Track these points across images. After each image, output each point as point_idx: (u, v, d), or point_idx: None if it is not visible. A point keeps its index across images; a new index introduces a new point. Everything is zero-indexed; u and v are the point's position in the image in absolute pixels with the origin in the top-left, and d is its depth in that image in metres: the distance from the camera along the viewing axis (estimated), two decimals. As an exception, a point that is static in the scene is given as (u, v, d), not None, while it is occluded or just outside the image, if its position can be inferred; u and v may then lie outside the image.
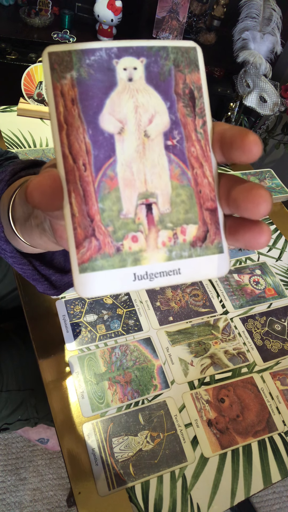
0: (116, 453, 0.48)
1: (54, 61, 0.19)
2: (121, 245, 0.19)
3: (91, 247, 0.18)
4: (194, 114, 0.20)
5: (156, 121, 0.19)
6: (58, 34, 1.42)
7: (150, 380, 0.55)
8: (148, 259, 0.19)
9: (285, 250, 0.79)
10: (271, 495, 1.08)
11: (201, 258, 0.20)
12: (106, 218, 0.19)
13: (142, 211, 0.19)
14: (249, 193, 0.18)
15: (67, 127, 0.18)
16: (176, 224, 0.19)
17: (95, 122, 0.19)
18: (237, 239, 0.20)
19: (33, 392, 0.72)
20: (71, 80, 0.19)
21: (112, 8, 1.35)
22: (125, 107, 0.19)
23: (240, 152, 0.18)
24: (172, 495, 0.47)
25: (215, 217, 0.20)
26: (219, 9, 1.48)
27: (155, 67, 0.20)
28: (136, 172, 0.19)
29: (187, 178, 0.20)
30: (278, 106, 1.01)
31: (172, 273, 0.19)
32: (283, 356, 0.62)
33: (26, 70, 0.88)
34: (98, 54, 0.19)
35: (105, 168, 0.19)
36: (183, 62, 0.20)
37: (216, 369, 0.58)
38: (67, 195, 0.18)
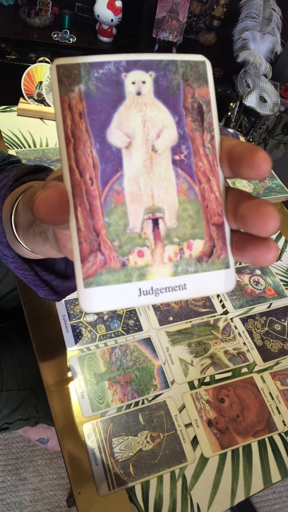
0: (116, 453, 0.48)
1: (62, 74, 0.18)
2: (127, 260, 0.19)
3: (96, 261, 0.18)
4: (202, 129, 0.20)
5: (164, 136, 0.19)
6: (58, 34, 1.42)
7: (150, 380, 0.55)
8: (154, 274, 0.19)
9: (285, 250, 0.79)
10: (271, 495, 1.08)
11: (207, 274, 0.20)
12: (112, 233, 0.19)
13: (149, 226, 0.19)
14: (257, 210, 0.18)
15: (75, 140, 0.18)
16: (182, 239, 0.19)
17: (102, 136, 0.19)
18: (243, 255, 0.20)
19: (33, 392, 0.72)
20: (79, 94, 0.18)
21: (112, 8, 1.35)
22: (133, 121, 0.19)
23: (249, 169, 0.18)
24: (172, 495, 0.47)
25: (222, 232, 0.20)
26: (219, 9, 1.48)
27: (164, 81, 0.19)
28: (143, 187, 0.19)
29: (194, 193, 0.20)
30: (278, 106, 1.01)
31: (177, 288, 0.19)
32: (283, 356, 0.62)
33: (26, 70, 0.88)
34: (107, 67, 0.19)
35: (112, 183, 0.19)
36: (192, 76, 0.20)
37: (216, 369, 0.58)
38: (73, 209, 0.18)
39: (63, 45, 1.42)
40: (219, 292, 0.20)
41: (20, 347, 0.73)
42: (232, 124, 1.11)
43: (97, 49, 1.48)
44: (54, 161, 0.82)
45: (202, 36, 1.56)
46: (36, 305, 0.59)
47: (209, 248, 0.20)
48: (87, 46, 1.48)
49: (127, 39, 1.53)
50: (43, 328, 0.57)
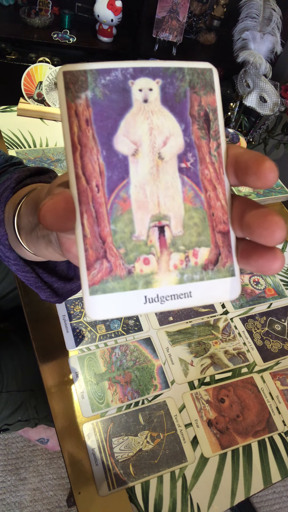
0: (116, 453, 0.48)
1: (69, 80, 0.18)
2: (133, 267, 0.19)
3: (102, 269, 0.18)
4: (209, 137, 0.20)
5: (170, 143, 0.19)
6: (58, 34, 1.42)
7: (150, 380, 0.55)
8: (160, 282, 0.19)
9: (285, 250, 0.79)
10: (271, 495, 1.08)
11: (213, 281, 0.20)
12: (118, 240, 0.19)
13: (155, 233, 0.19)
14: (264, 220, 0.18)
15: (81, 147, 0.18)
16: (188, 246, 0.19)
17: (109, 143, 0.19)
18: (249, 263, 0.20)
19: (33, 393, 0.72)
20: (86, 100, 0.18)
21: (112, 8, 1.35)
22: (139, 128, 0.19)
23: (255, 178, 0.18)
24: (172, 495, 0.47)
25: (228, 240, 0.20)
26: (219, 9, 1.48)
27: (170, 89, 0.19)
28: (150, 194, 0.19)
29: (200, 201, 0.20)
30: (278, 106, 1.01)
31: (183, 296, 0.19)
32: (283, 356, 0.62)
33: (26, 70, 0.88)
34: (114, 74, 0.19)
35: (118, 190, 0.19)
36: (199, 83, 0.20)
37: (216, 369, 0.58)
38: (79, 216, 0.18)
39: (63, 45, 1.42)
40: (224, 300, 0.20)
41: (20, 347, 0.73)
42: (232, 124, 1.11)
43: (97, 49, 1.48)
44: (54, 161, 0.82)
45: (202, 36, 1.56)
46: (36, 305, 0.59)
47: (214, 256, 0.20)
48: (87, 46, 1.48)
49: (127, 39, 1.53)
50: (43, 328, 0.57)
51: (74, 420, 0.50)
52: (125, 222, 0.19)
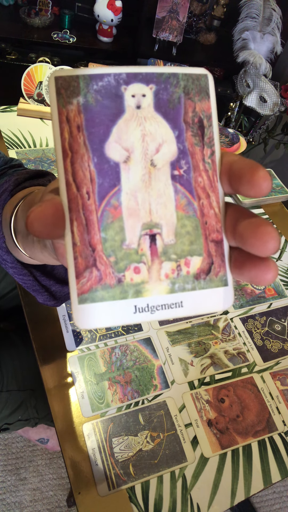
0: (116, 453, 0.48)
1: (61, 85, 0.18)
2: (123, 276, 0.18)
3: (91, 277, 0.18)
4: (203, 144, 0.19)
5: (163, 150, 0.19)
6: (58, 34, 1.42)
7: (150, 380, 0.55)
8: (150, 291, 0.19)
9: (285, 250, 0.79)
10: (271, 495, 1.08)
11: (205, 291, 0.19)
12: (108, 248, 0.18)
13: (146, 241, 0.19)
14: (256, 230, 0.17)
15: (72, 154, 0.18)
16: (180, 255, 0.19)
17: (100, 150, 0.18)
18: (242, 274, 0.19)
19: (33, 393, 0.72)
20: (78, 106, 0.18)
21: (112, 8, 1.35)
22: (132, 135, 0.19)
23: (249, 187, 0.18)
24: (172, 495, 0.47)
25: (221, 249, 0.20)
26: (219, 9, 1.48)
27: (164, 95, 0.19)
28: (141, 202, 0.19)
29: (193, 209, 0.19)
30: (278, 106, 1.01)
31: (174, 306, 0.19)
32: (283, 356, 0.62)
33: (26, 70, 0.88)
34: (106, 79, 0.18)
35: (109, 197, 0.18)
36: (194, 89, 0.20)
37: (216, 369, 0.58)
38: (69, 223, 0.18)
39: (63, 45, 1.42)
40: (217, 310, 0.20)
41: (20, 347, 0.73)
42: (232, 124, 1.11)
43: (97, 49, 1.48)
44: (54, 161, 0.82)
45: (202, 36, 1.56)
46: (36, 306, 0.59)
47: (207, 265, 0.19)
48: (87, 46, 1.48)
49: (127, 39, 1.53)
50: (43, 328, 0.57)
51: (74, 420, 0.50)
52: (115, 230, 0.18)
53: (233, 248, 0.20)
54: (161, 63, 0.92)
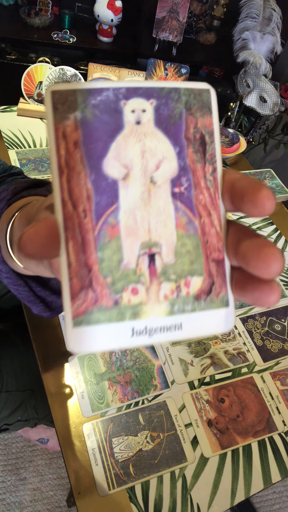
0: (116, 453, 0.48)
1: (58, 100, 0.17)
2: (120, 297, 0.18)
3: (87, 299, 0.17)
4: (204, 160, 0.19)
5: (163, 167, 0.18)
6: (58, 34, 1.42)
7: (150, 380, 0.55)
8: (148, 313, 0.18)
9: (285, 250, 0.79)
10: (271, 495, 1.08)
11: (205, 313, 0.19)
12: (105, 268, 0.18)
13: (144, 261, 0.18)
14: (260, 251, 0.17)
15: (68, 171, 0.17)
16: (180, 275, 0.18)
17: (98, 166, 0.18)
18: (244, 295, 0.19)
19: (33, 393, 0.72)
20: (75, 121, 0.17)
21: (112, 8, 1.35)
22: (131, 151, 0.18)
23: (251, 206, 0.17)
24: (172, 495, 0.47)
25: (222, 268, 0.19)
26: (219, 9, 1.48)
27: (165, 110, 0.19)
28: (140, 220, 0.18)
29: (193, 227, 0.19)
30: (278, 106, 1.01)
31: (173, 328, 0.18)
32: (283, 356, 0.62)
33: (26, 70, 0.88)
34: (105, 94, 0.18)
35: (106, 216, 0.18)
36: (195, 105, 0.19)
37: (216, 369, 0.58)
38: (64, 242, 0.17)
39: (63, 45, 1.42)
40: (217, 333, 0.19)
41: (20, 348, 0.73)
42: (232, 124, 1.11)
43: (97, 49, 1.48)
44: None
45: (202, 36, 1.56)
46: (36, 305, 0.59)
47: (207, 285, 0.19)
48: (87, 46, 1.48)
49: (127, 39, 1.53)
50: (43, 328, 0.57)
51: (74, 420, 0.50)
52: (113, 250, 0.18)
53: (235, 268, 0.19)
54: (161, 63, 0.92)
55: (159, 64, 0.94)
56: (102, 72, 0.91)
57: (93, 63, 0.92)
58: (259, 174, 0.93)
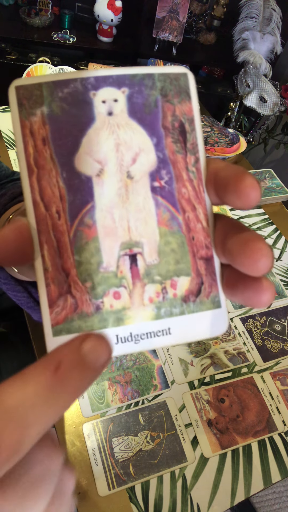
0: (116, 453, 0.48)
1: (22, 95, 0.16)
2: (101, 302, 0.17)
3: (66, 305, 0.16)
4: (185, 151, 0.18)
5: (140, 160, 0.17)
6: (58, 34, 1.42)
7: (150, 380, 0.55)
8: (133, 318, 0.17)
9: (285, 250, 0.79)
10: (271, 495, 1.08)
11: (195, 315, 0.17)
12: (84, 273, 0.16)
13: (125, 263, 0.17)
14: (245, 246, 0.15)
15: (38, 170, 0.16)
16: (165, 276, 0.17)
17: (69, 164, 0.17)
18: (234, 294, 0.17)
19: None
20: (42, 117, 0.16)
21: (112, 8, 1.35)
22: (104, 145, 0.17)
23: (235, 197, 0.16)
24: (172, 495, 0.47)
25: (211, 266, 0.18)
26: (219, 9, 1.48)
27: (139, 98, 0.17)
28: (118, 219, 0.17)
29: (177, 224, 0.17)
30: (278, 106, 1.01)
31: (160, 333, 0.17)
32: (283, 356, 0.62)
33: (26, 70, 0.88)
34: (73, 85, 0.17)
35: (82, 215, 0.17)
36: (172, 90, 0.17)
37: (216, 369, 0.58)
38: (38, 247, 0.16)
39: (63, 45, 1.42)
40: (209, 336, 0.18)
41: (19, 349, 0.73)
42: (232, 124, 1.11)
43: (97, 49, 1.49)
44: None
45: (202, 36, 1.56)
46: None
47: (196, 285, 0.17)
48: (87, 46, 1.48)
49: (127, 39, 1.53)
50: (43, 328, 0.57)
51: (74, 420, 0.50)
52: (91, 252, 0.17)
53: (225, 265, 0.18)
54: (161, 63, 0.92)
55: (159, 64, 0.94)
56: (102, 72, 0.91)
57: (93, 63, 0.92)
58: (259, 174, 0.93)
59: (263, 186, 0.90)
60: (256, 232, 0.16)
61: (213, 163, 0.18)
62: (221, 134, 0.97)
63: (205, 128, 0.98)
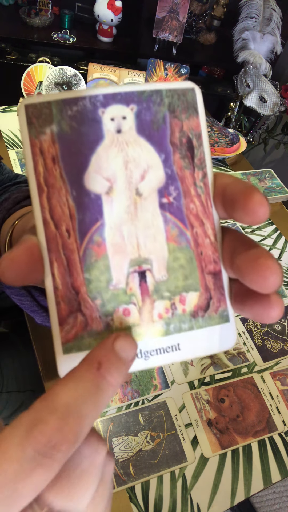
0: (116, 453, 0.48)
1: (32, 114, 0.16)
2: (111, 319, 0.17)
3: (76, 323, 0.16)
4: (193, 166, 0.18)
5: (149, 177, 0.17)
6: (58, 34, 1.42)
7: (150, 380, 0.55)
8: (142, 335, 0.17)
9: (285, 250, 0.79)
10: (271, 495, 1.08)
11: (204, 330, 0.17)
12: (93, 290, 0.17)
13: (135, 280, 0.17)
14: (254, 264, 0.16)
15: (48, 189, 0.16)
16: (174, 292, 0.17)
17: (79, 182, 0.17)
18: (243, 309, 0.17)
19: (34, 394, 0.72)
20: (51, 136, 0.17)
21: (112, 8, 1.35)
22: (113, 163, 0.17)
23: (243, 213, 0.16)
24: (172, 495, 0.47)
25: (219, 281, 0.18)
26: (219, 9, 1.48)
27: (147, 115, 0.17)
28: (127, 236, 0.17)
29: (186, 239, 0.18)
30: (278, 106, 1.01)
31: (170, 349, 0.17)
32: (283, 356, 0.62)
33: (26, 70, 0.88)
34: (82, 103, 0.17)
35: (91, 234, 0.17)
36: (180, 106, 0.18)
37: (216, 369, 0.58)
38: (48, 265, 0.16)
39: (63, 45, 1.42)
40: (218, 351, 0.18)
41: (20, 348, 0.73)
42: (232, 124, 1.11)
43: (97, 49, 1.49)
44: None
45: (202, 36, 1.56)
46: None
47: (205, 300, 0.18)
48: (87, 46, 1.48)
49: (127, 39, 1.53)
50: (43, 328, 0.57)
51: (74, 420, 0.50)
52: (100, 270, 0.17)
53: (234, 280, 0.18)
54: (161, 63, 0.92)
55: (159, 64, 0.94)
56: (102, 72, 0.91)
57: (93, 63, 0.92)
58: (259, 174, 0.93)
59: (263, 186, 0.90)
60: (265, 249, 0.16)
61: (221, 178, 0.18)
62: (221, 134, 0.97)
63: (205, 128, 0.98)
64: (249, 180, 0.90)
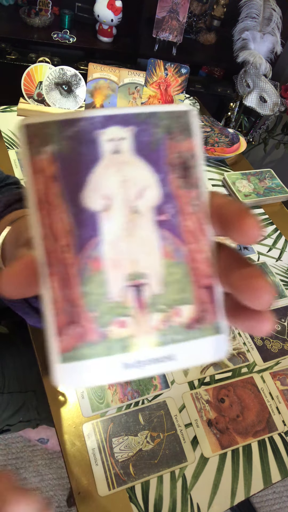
0: (116, 453, 0.48)
1: (32, 133, 0.17)
2: (107, 331, 0.17)
3: (74, 334, 0.17)
4: (189, 186, 0.18)
5: (146, 196, 0.18)
6: (58, 34, 1.42)
7: (150, 380, 0.55)
8: (138, 346, 0.18)
9: (285, 250, 0.79)
10: (271, 495, 1.08)
11: (198, 341, 0.18)
12: (90, 303, 0.17)
13: (131, 293, 0.18)
14: (249, 283, 0.17)
15: (47, 206, 0.17)
16: (169, 305, 0.18)
17: (77, 199, 0.17)
18: (236, 322, 0.18)
19: (35, 394, 0.72)
20: (51, 155, 0.17)
21: (112, 8, 1.35)
22: (110, 182, 0.18)
23: (237, 234, 0.17)
24: (172, 495, 0.47)
25: (213, 295, 0.18)
26: (219, 9, 1.48)
27: (144, 136, 0.18)
28: (124, 252, 0.18)
29: (181, 255, 0.18)
30: (278, 106, 1.01)
31: (165, 359, 0.18)
32: (283, 356, 0.62)
33: (26, 70, 0.88)
34: (80, 124, 0.17)
35: (88, 249, 0.17)
36: (176, 128, 0.18)
37: (216, 369, 0.58)
38: (47, 278, 0.17)
39: (63, 45, 1.42)
40: (212, 360, 0.19)
41: (21, 348, 0.73)
42: (232, 124, 1.11)
43: (97, 49, 1.49)
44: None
45: (202, 36, 1.56)
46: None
47: (199, 313, 0.18)
48: (87, 46, 1.48)
49: (127, 39, 1.53)
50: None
51: (74, 420, 0.50)
52: (97, 283, 0.17)
53: (227, 293, 0.19)
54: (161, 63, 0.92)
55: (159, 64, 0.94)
56: (102, 72, 0.91)
57: (93, 63, 0.92)
58: (259, 174, 0.93)
59: (263, 186, 0.90)
60: (258, 267, 0.17)
61: (216, 197, 0.19)
62: (221, 134, 0.97)
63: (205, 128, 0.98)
64: (249, 180, 0.90)
